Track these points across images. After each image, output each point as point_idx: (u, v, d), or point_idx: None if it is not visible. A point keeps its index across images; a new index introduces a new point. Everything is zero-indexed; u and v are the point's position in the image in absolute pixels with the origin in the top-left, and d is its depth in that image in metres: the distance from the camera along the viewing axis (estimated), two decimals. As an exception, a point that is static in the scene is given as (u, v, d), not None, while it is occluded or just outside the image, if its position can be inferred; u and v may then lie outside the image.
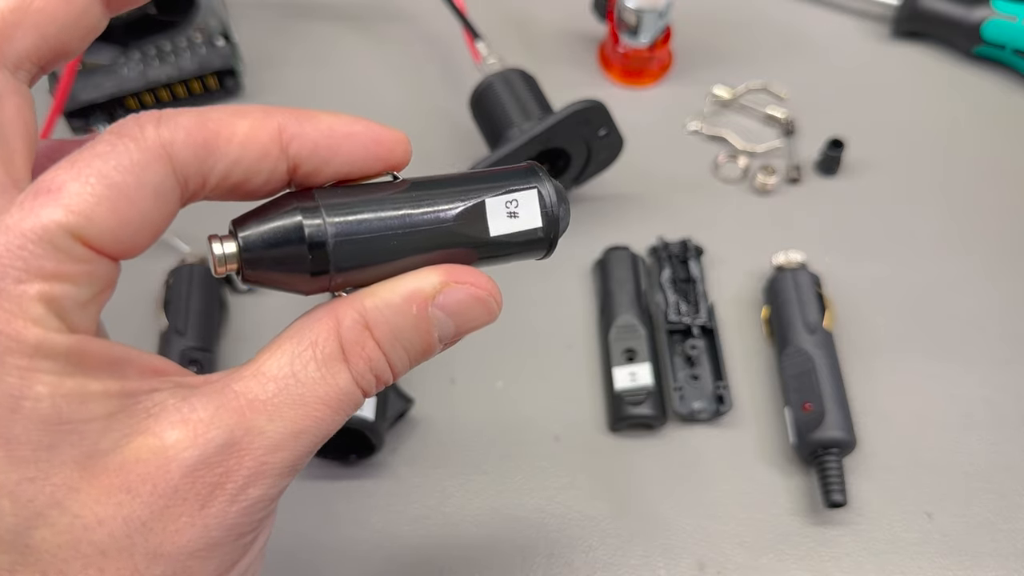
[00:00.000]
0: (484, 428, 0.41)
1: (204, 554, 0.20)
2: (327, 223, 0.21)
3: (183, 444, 0.20)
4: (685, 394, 0.41)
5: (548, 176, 0.24)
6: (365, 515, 0.39)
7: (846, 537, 0.38)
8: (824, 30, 0.56)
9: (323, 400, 0.21)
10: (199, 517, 0.20)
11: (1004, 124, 0.52)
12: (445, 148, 0.50)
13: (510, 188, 0.23)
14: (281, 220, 0.21)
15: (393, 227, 0.22)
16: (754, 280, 0.45)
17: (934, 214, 0.48)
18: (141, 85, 0.48)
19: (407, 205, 0.23)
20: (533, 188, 0.24)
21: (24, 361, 0.18)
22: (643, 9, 0.49)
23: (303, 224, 0.21)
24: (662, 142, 0.51)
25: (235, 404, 0.20)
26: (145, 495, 0.19)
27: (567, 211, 0.24)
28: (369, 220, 0.22)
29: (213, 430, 0.20)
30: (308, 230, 0.21)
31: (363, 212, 0.22)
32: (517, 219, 0.24)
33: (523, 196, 0.24)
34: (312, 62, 0.54)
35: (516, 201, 0.23)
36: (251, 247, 0.21)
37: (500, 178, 0.24)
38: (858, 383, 0.42)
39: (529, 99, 0.45)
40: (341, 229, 0.21)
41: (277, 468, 0.21)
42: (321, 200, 0.21)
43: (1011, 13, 0.52)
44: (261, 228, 0.21)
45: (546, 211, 0.24)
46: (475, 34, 0.48)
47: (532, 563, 0.37)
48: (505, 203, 0.23)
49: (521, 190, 0.23)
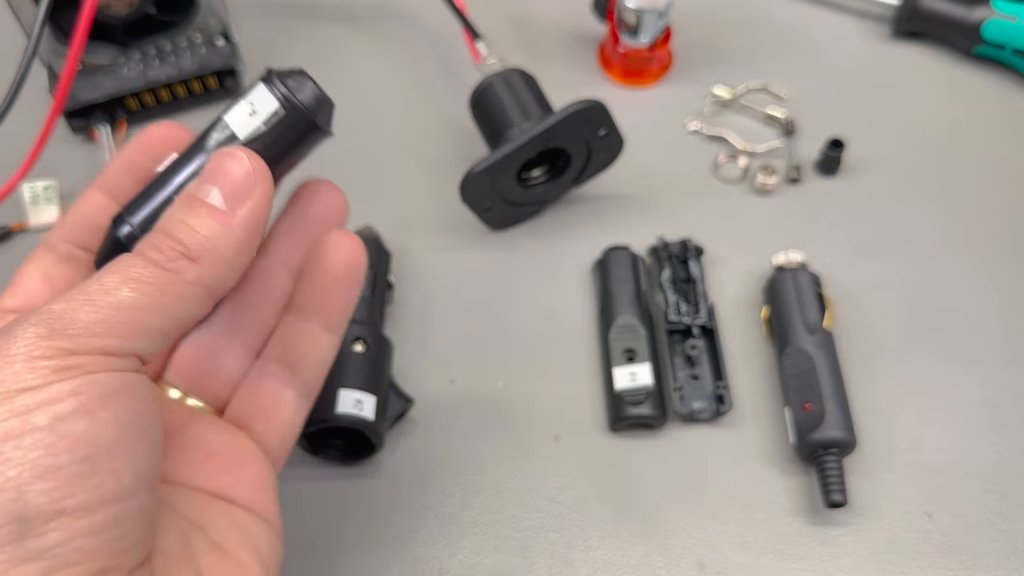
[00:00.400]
0: (484, 428, 0.41)
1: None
2: (133, 225, 0.27)
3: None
4: (685, 394, 0.41)
5: (287, 73, 0.28)
6: (365, 515, 0.39)
7: (846, 537, 0.38)
8: (824, 30, 0.56)
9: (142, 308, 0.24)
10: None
11: (1004, 124, 0.52)
12: (445, 148, 0.50)
13: (241, 96, 0.27)
14: (106, 242, 0.27)
15: (179, 187, 0.26)
16: (754, 280, 0.45)
17: (934, 214, 0.48)
18: (141, 85, 0.48)
19: (180, 166, 0.27)
20: (259, 84, 0.27)
21: None
22: (643, 9, 0.49)
23: (119, 236, 0.27)
24: (662, 142, 0.51)
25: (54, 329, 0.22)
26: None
27: (311, 89, 0.28)
28: (158, 199, 0.27)
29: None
30: (124, 240, 0.27)
31: (152, 198, 0.27)
32: (257, 115, 0.27)
33: (256, 95, 0.27)
34: (312, 62, 0.54)
35: (251, 103, 0.27)
36: (98, 264, 0.28)
37: (237, 97, 0.27)
38: (858, 383, 0.42)
39: (529, 99, 0.45)
40: (143, 220, 0.27)
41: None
42: (125, 212, 0.27)
43: (1011, 13, 0.52)
44: (99, 254, 0.28)
45: (281, 94, 0.27)
46: (475, 34, 0.48)
47: (532, 563, 0.37)
48: (242, 109, 0.27)
49: (251, 92, 0.27)
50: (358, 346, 0.39)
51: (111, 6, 0.47)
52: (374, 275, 0.42)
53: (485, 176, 0.43)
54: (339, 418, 0.36)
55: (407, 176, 0.49)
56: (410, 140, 0.51)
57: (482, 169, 0.42)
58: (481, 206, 0.45)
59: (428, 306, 0.45)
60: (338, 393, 0.37)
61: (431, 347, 0.43)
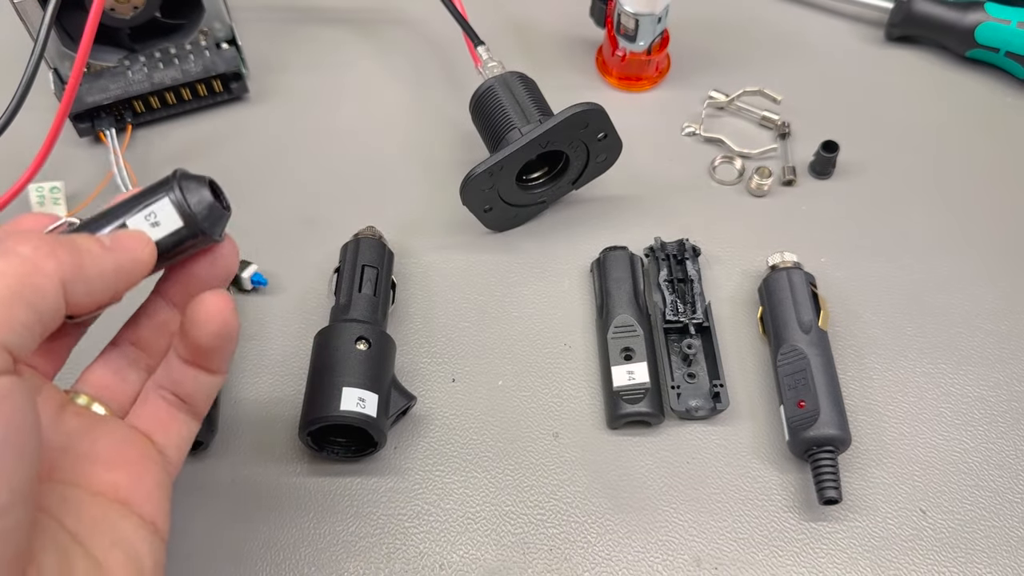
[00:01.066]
0: (485, 425, 0.41)
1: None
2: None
3: None
4: (682, 392, 0.42)
5: (191, 178, 0.28)
6: (367, 511, 0.39)
7: (840, 533, 0.39)
8: (819, 34, 0.57)
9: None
10: None
11: (997, 127, 0.52)
12: (447, 151, 0.51)
13: (145, 204, 0.27)
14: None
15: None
16: (750, 280, 0.46)
17: (928, 215, 0.48)
18: (147, 88, 0.49)
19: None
20: (163, 197, 0.27)
21: None
22: (641, 14, 0.50)
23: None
24: (659, 145, 0.51)
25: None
26: None
27: (213, 204, 0.28)
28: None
29: None
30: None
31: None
32: (160, 227, 0.27)
33: (158, 207, 0.27)
34: (315, 67, 0.55)
35: (153, 213, 0.27)
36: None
37: (139, 198, 0.27)
38: (852, 381, 0.42)
39: (528, 102, 0.45)
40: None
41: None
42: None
43: (1005, 17, 0.52)
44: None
45: (184, 212, 0.27)
46: (475, 39, 0.49)
47: (531, 558, 0.38)
48: (144, 218, 0.27)
49: (155, 202, 0.27)
50: (361, 345, 0.39)
51: (117, 10, 0.48)
52: (377, 275, 0.43)
53: (485, 178, 0.43)
54: (342, 416, 0.37)
55: (409, 178, 0.50)
56: (412, 143, 0.51)
57: (482, 171, 0.43)
58: (481, 208, 0.45)
59: (430, 305, 0.45)
60: (341, 391, 0.37)
61: (433, 346, 0.44)
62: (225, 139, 0.51)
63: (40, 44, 0.43)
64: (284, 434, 0.41)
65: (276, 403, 0.42)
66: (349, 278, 0.42)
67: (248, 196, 0.49)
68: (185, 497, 0.39)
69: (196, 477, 0.40)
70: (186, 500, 0.39)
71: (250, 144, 0.51)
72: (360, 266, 0.43)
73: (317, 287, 0.46)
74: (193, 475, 0.40)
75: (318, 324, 0.42)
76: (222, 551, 0.38)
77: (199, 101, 0.51)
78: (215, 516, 0.39)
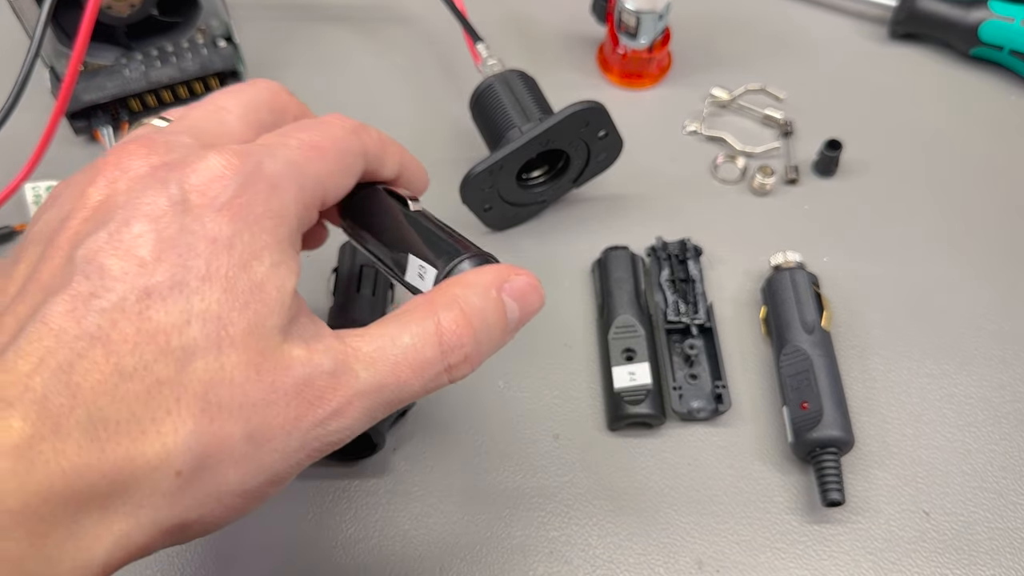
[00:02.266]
0: (485, 427, 0.41)
1: (278, 451, 0.24)
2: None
3: (301, 360, 0.25)
4: (684, 393, 0.41)
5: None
6: (366, 512, 0.39)
7: (843, 535, 0.38)
8: (822, 32, 0.56)
9: (410, 364, 0.26)
10: (290, 422, 0.24)
11: (1001, 125, 0.52)
12: (447, 149, 0.50)
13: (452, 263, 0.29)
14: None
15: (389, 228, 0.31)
16: (752, 280, 0.45)
17: (932, 214, 0.48)
18: (144, 86, 0.49)
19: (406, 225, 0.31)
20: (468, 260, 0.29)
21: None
22: (642, 11, 0.49)
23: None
24: (661, 143, 0.51)
25: (344, 348, 0.26)
26: (266, 384, 0.24)
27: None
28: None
29: (324, 359, 0.25)
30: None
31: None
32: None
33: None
34: (314, 64, 0.54)
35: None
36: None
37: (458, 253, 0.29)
38: (856, 382, 0.42)
39: (528, 100, 0.45)
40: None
41: (359, 410, 0.25)
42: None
43: (1009, 14, 0.52)
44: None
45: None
46: (475, 36, 0.49)
47: (532, 560, 0.38)
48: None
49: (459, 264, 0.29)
50: (359, 345, 0.39)
51: (113, 7, 0.48)
52: (375, 275, 0.42)
53: (485, 177, 0.43)
54: (340, 417, 0.37)
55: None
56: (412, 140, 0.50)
57: (482, 170, 0.42)
58: (481, 207, 0.45)
59: (429, 306, 0.45)
60: (339, 392, 0.37)
61: (432, 347, 0.43)
62: (223, 137, 0.51)
63: (36, 42, 0.43)
64: (282, 435, 0.41)
65: (274, 404, 0.42)
66: (347, 278, 0.42)
67: (246, 195, 0.49)
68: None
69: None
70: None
71: (248, 142, 0.51)
72: (359, 266, 0.42)
73: (316, 287, 0.45)
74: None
75: (316, 324, 0.42)
76: (219, 553, 0.38)
77: (196, 99, 0.51)
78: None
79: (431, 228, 0.30)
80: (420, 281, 0.29)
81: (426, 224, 0.30)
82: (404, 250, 0.30)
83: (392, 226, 0.31)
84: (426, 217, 0.31)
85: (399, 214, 0.31)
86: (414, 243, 0.29)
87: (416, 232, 0.30)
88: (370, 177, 0.31)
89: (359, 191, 0.31)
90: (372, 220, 0.31)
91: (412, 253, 0.29)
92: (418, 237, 0.30)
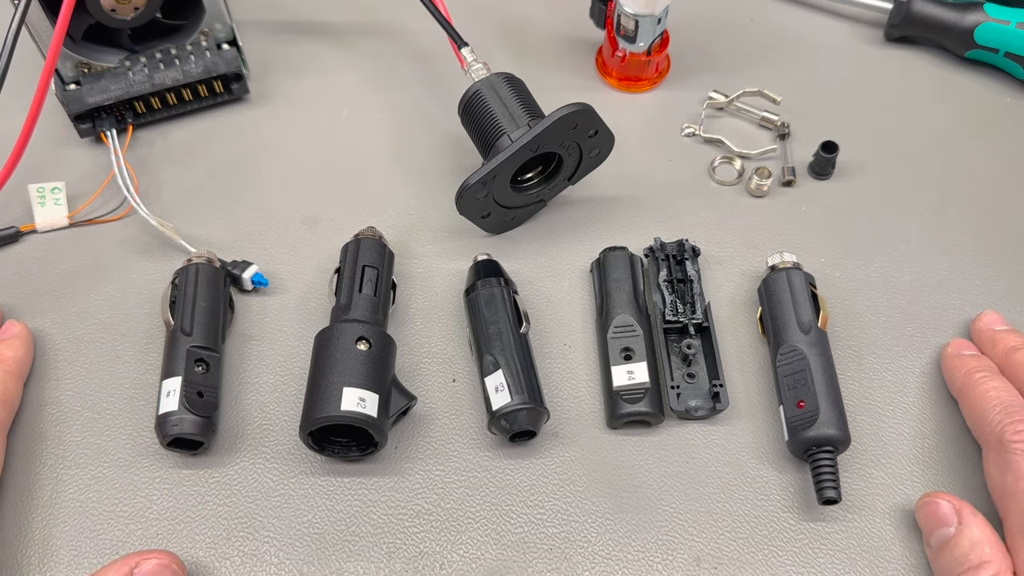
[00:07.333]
0: (484, 425, 0.41)
1: None
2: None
3: None
4: (682, 392, 0.42)
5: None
6: (368, 510, 0.39)
7: (839, 533, 0.39)
8: (818, 36, 0.57)
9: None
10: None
11: (996, 127, 0.52)
12: (446, 154, 0.51)
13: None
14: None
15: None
16: (749, 280, 0.46)
17: (927, 215, 0.49)
18: (148, 89, 0.49)
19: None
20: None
21: None
22: (640, 15, 0.50)
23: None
24: (659, 145, 0.51)
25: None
26: None
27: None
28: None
29: None
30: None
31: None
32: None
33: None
34: (316, 68, 0.55)
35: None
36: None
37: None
38: (852, 381, 0.42)
39: (516, 105, 0.45)
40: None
41: None
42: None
43: (1004, 17, 0.52)
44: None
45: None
46: (460, 41, 0.48)
47: (531, 557, 0.38)
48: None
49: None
50: (362, 345, 0.39)
51: (118, 11, 0.48)
52: (377, 275, 0.43)
53: (479, 188, 0.43)
54: (343, 416, 0.37)
55: (410, 179, 0.50)
56: (413, 144, 0.51)
57: (475, 182, 0.43)
58: (478, 215, 0.45)
59: (430, 306, 0.45)
60: (342, 391, 0.37)
61: (433, 346, 0.44)
62: (226, 139, 0.51)
63: (10, 42, 0.42)
64: (285, 434, 0.41)
65: (276, 403, 0.42)
66: (350, 278, 0.42)
67: (248, 196, 0.49)
68: (185, 497, 0.39)
69: (196, 477, 0.40)
70: (186, 500, 0.39)
71: (251, 144, 0.51)
72: (361, 266, 0.43)
73: (317, 287, 0.46)
74: (193, 475, 0.40)
75: (318, 324, 0.42)
76: (222, 550, 0.38)
77: (200, 102, 0.51)
78: (215, 516, 0.39)
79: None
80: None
81: None
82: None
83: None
84: None
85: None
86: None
87: None
88: None
89: None
90: None
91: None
92: None
